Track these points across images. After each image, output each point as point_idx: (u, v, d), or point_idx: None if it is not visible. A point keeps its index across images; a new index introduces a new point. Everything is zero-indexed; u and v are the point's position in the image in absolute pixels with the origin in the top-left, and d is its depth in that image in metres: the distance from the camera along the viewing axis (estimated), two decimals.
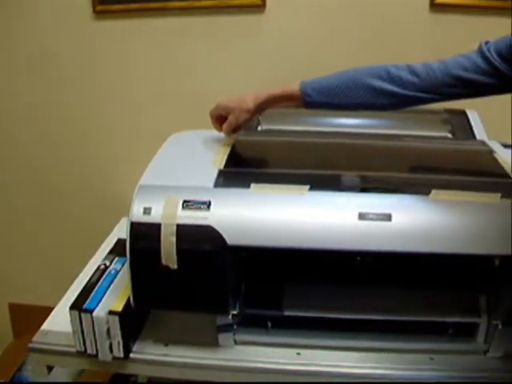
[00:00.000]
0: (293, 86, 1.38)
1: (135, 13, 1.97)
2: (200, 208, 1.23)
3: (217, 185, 1.30)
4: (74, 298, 1.35)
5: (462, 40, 1.74)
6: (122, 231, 1.50)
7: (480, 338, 1.37)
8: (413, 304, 1.38)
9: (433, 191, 1.26)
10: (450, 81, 1.25)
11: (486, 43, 1.22)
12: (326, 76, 1.37)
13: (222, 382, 1.37)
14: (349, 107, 1.36)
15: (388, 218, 1.21)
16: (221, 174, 1.34)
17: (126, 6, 1.96)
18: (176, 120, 1.92)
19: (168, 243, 1.21)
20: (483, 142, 1.61)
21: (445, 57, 1.28)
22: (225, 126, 1.44)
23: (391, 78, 1.29)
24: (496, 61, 1.19)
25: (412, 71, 1.28)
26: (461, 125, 1.70)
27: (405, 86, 1.28)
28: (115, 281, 1.42)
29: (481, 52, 1.22)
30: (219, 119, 1.46)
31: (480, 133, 1.67)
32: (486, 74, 1.21)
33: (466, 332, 1.38)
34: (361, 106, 1.34)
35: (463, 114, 1.74)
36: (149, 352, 1.37)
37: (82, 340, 1.33)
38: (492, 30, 1.69)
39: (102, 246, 1.73)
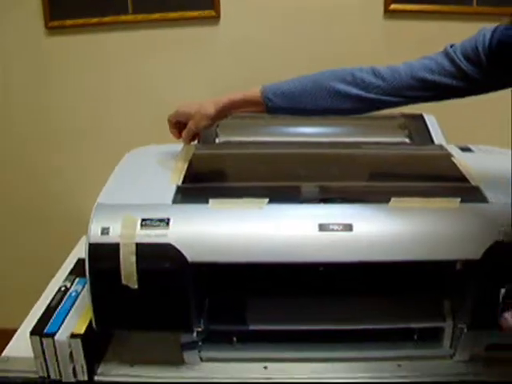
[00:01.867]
0: (254, 91, 1.34)
1: (89, 28, 1.95)
2: (159, 226, 1.21)
3: (175, 201, 1.28)
4: (34, 322, 1.32)
5: (416, 45, 1.77)
6: (82, 250, 1.47)
7: (446, 342, 1.37)
8: (378, 312, 1.38)
9: (392, 199, 1.26)
10: (415, 83, 1.22)
11: (452, 45, 1.21)
12: (289, 80, 1.33)
13: None
14: (313, 112, 1.31)
15: (349, 228, 1.21)
16: (179, 190, 1.33)
17: (79, 21, 1.94)
18: (136, 133, 1.92)
19: (128, 263, 1.19)
20: (441, 146, 1.61)
21: (399, 62, 1.27)
22: (184, 133, 1.41)
23: (355, 81, 1.25)
24: (462, 62, 1.17)
25: (377, 74, 1.24)
26: (418, 129, 1.71)
27: (369, 88, 1.24)
28: (76, 303, 1.39)
29: (446, 54, 1.20)
30: (178, 126, 1.42)
31: (438, 137, 1.68)
32: (452, 77, 1.19)
33: (431, 337, 1.39)
34: (326, 110, 1.29)
35: (420, 118, 1.74)
36: (114, 374, 1.35)
37: (44, 365, 1.31)
38: (445, 34, 1.71)
39: (64, 265, 1.70)
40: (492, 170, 1.43)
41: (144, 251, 1.19)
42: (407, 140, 1.68)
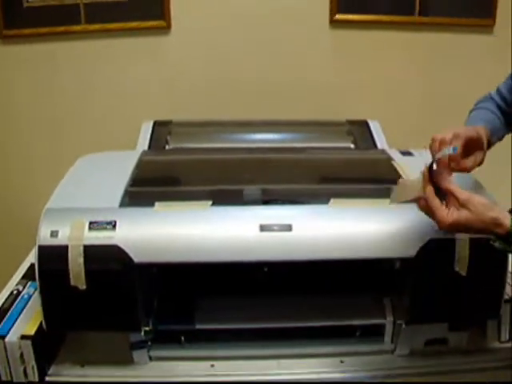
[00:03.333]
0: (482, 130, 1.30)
1: (43, 37, 1.97)
2: (106, 228, 1.25)
3: (122, 205, 1.32)
4: None
5: (361, 54, 1.82)
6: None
7: (387, 337, 1.42)
8: (322, 310, 1.43)
9: (331, 200, 1.32)
10: None
11: None
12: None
13: None
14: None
15: (288, 228, 1.26)
16: (126, 193, 1.37)
17: (34, 30, 1.97)
18: (88, 142, 1.93)
19: (76, 264, 1.23)
20: (383, 151, 1.67)
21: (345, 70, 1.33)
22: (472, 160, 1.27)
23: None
24: None
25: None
26: (363, 135, 1.77)
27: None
28: (28, 305, 1.42)
29: None
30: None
31: (381, 142, 1.74)
32: None
33: (373, 333, 1.44)
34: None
35: (365, 124, 1.80)
36: (65, 374, 1.37)
37: None
38: (389, 43, 1.78)
39: (17, 272, 1.71)
40: None
41: (91, 253, 1.23)
42: (351, 145, 1.74)
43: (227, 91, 1.91)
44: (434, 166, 1.11)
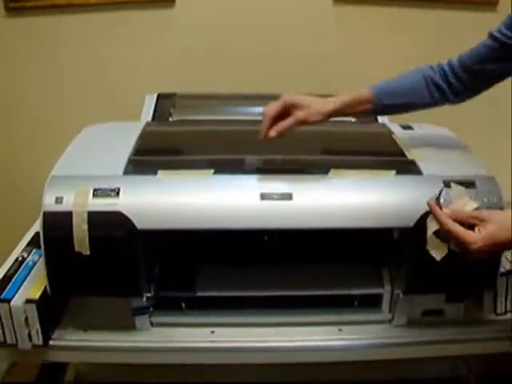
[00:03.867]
0: (363, 92, 1.39)
1: (48, 10, 1.98)
2: (110, 195, 1.27)
3: (126, 172, 1.34)
4: None
5: (364, 30, 1.83)
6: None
7: (385, 307, 1.45)
8: (321, 279, 1.46)
9: (331, 170, 1.34)
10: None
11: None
12: (392, 80, 1.42)
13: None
14: (419, 107, 1.44)
15: (289, 197, 1.28)
16: (130, 162, 1.38)
17: (39, 3, 1.97)
18: (93, 113, 1.94)
19: (80, 230, 1.25)
20: (384, 125, 1.69)
21: (348, 46, 1.35)
22: (290, 120, 1.32)
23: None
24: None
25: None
26: None
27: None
28: (33, 271, 1.44)
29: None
30: (277, 115, 1.33)
31: (382, 116, 1.75)
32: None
33: (371, 303, 1.46)
34: (427, 104, 1.42)
35: None
36: (68, 338, 1.40)
37: (1, 330, 1.35)
38: (392, 20, 1.79)
39: (22, 240, 1.73)
40: (428, 146, 1.51)
41: (95, 219, 1.25)
42: (352, 119, 1.74)
43: (231, 64, 1.93)
44: (442, 200, 1.14)
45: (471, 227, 1.12)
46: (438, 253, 1.21)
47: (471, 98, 1.42)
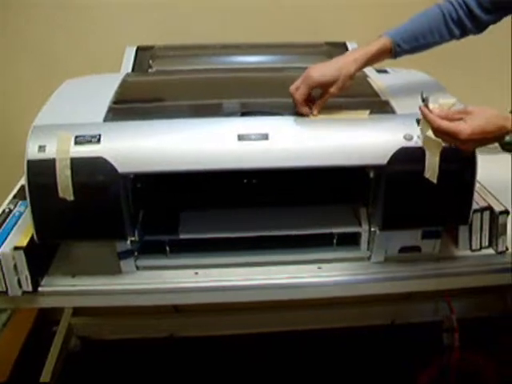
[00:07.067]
0: (380, 41, 1.41)
1: None
2: (91, 141, 1.30)
3: (106, 120, 1.37)
4: None
5: None
6: None
7: (363, 245, 1.50)
8: (300, 220, 1.50)
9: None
10: None
11: None
12: (406, 24, 1.43)
13: None
14: (434, 44, 1.45)
15: (265, 137, 1.31)
16: (110, 110, 1.41)
17: None
18: (73, 69, 1.91)
19: (63, 176, 1.28)
20: None
21: None
22: (324, 99, 1.39)
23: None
24: None
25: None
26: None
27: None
28: (19, 221, 1.48)
29: None
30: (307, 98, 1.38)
31: None
32: None
33: (350, 241, 1.52)
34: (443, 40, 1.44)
35: (343, 45, 1.84)
36: (57, 284, 1.45)
37: None
38: None
39: (10, 196, 1.76)
40: (402, 87, 1.55)
41: (78, 165, 1.29)
42: None
43: (209, 15, 1.93)
44: (431, 106, 1.18)
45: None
46: (434, 150, 1.25)
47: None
